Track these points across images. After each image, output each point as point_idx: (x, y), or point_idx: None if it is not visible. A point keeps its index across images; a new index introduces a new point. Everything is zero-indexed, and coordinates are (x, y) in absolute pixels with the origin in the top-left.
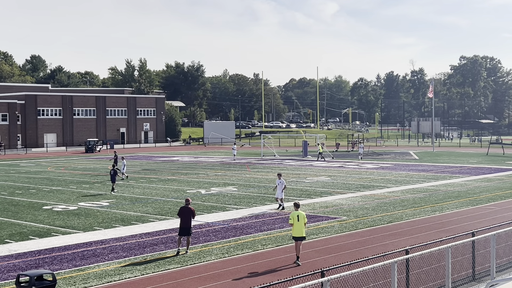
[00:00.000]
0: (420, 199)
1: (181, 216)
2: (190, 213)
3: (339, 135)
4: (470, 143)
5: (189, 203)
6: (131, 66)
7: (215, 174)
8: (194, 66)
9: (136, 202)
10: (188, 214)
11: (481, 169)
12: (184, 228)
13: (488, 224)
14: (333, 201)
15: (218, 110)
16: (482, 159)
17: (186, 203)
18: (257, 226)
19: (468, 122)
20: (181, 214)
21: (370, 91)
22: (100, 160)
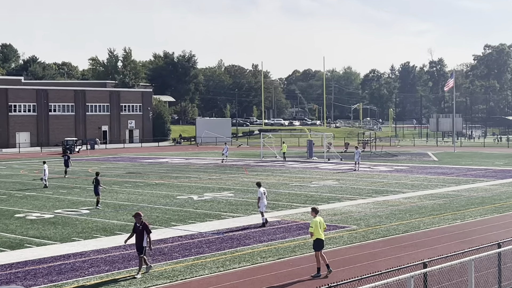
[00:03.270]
0: (440, 206)
1: (134, 232)
2: (142, 229)
3: (349, 134)
4: (495, 142)
5: (140, 217)
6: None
7: (209, 177)
8: (185, 57)
9: (120, 209)
10: (140, 231)
11: (508, 172)
12: (136, 246)
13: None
14: (341, 208)
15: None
16: (510, 160)
17: (135, 217)
18: (256, 236)
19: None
20: (133, 231)
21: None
22: (80, 162)
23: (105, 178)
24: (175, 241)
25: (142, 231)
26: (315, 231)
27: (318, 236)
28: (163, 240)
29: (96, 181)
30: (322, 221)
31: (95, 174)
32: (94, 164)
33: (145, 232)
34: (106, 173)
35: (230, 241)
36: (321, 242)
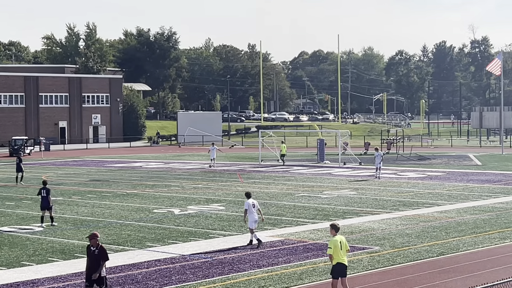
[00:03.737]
0: (484, 222)
1: (87, 259)
2: (99, 255)
3: (369, 132)
4: None
5: (97, 238)
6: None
7: (194, 186)
8: (163, 35)
9: (82, 226)
10: (95, 257)
11: None
12: (87, 276)
13: None
14: (360, 224)
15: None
16: None
17: (91, 238)
18: (253, 260)
19: None
20: (87, 255)
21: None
22: (32, 167)
23: (63, 187)
24: (152, 266)
25: (98, 257)
26: (334, 254)
27: (338, 260)
28: (136, 264)
29: (46, 192)
30: (345, 241)
31: (42, 183)
32: (49, 169)
33: (101, 259)
34: (64, 181)
35: (221, 266)
36: (342, 268)
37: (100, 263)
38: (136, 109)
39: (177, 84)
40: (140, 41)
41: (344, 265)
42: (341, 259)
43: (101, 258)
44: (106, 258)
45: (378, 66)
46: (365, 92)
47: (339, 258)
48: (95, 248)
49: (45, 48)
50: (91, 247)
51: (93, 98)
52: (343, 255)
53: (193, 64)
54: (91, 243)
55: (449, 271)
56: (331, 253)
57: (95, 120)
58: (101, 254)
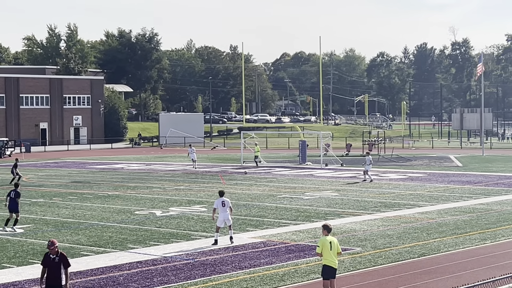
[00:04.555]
0: (465, 223)
1: (46, 268)
2: (60, 262)
3: (351, 133)
4: None
5: (56, 246)
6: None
7: (176, 188)
8: (145, 36)
9: (63, 228)
10: (56, 265)
11: None
12: (50, 286)
13: None
14: (342, 225)
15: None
16: None
17: (50, 247)
18: (235, 261)
19: None
20: (45, 265)
21: (394, 70)
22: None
23: (44, 189)
24: (133, 268)
25: (59, 264)
26: (324, 253)
27: (327, 262)
28: (117, 266)
29: (15, 194)
30: (336, 243)
31: (14, 186)
32: (30, 171)
33: (62, 267)
34: (45, 183)
35: (202, 268)
36: (331, 271)
37: (61, 271)
38: (117, 111)
39: (158, 85)
40: (122, 42)
41: (333, 268)
42: (330, 261)
43: (63, 266)
44: (68, 265)
45: (359, 68)
46: (347, 94)
47: (328, 260)
48: (55, 256)
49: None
50: (50, 255)
51: (74, 99)
52: (333, 256)
53: (175, 65)
54: (50, 252)
55: (430, 272)
56: (319, 252)
57: (76, 121)
58: (62, 261)
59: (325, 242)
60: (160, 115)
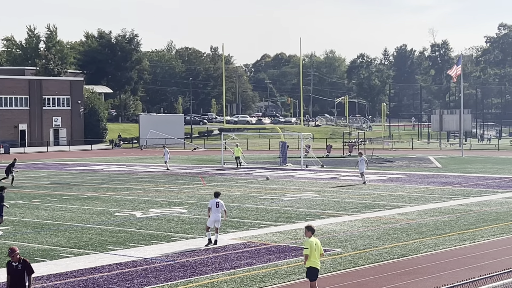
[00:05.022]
0: (444, 224)
1: (8, 276)
2: (23, 270)
3: (331, 134)
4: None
5: (17, 253)
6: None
7: (156, 189)
8: (125, 37)
9: (43, 229)
10: (19, 272)
11: None
12: None
13: None
14: (322, 226)
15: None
16: None
17: (10, 254)
18: (215, 262)
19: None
20: (8, 273)
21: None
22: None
23: (23, 190)
24: (113, 270)
25: (22, 272)
26: (311, 255)
27: (311, 264)
28: (97, 268)
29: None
30: (319, 244)
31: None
32: None
33: (25, 274)
34: (24, 184)
35: (183, 269)
36: (315, 272)
37: (25, 278)
38: (97, 112)
39: (139, 86)
40: (102, 43)
41: (317, 269)
42: (314, 262)
43: (26, 273)
44: (31, 272)
45: (339, 69)
46: (327, 95)
47: (312, 261)
48: (17, 263)
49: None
50: (12, 263)
51: (53, 100)
52: (317, 258)
53: (155, 66)
54: (12, 259)
55: (410, 272)
56: (308, 254)
57: (55, 122)
58: (26, 268)
59: (312, 244)
60: (140, 116)
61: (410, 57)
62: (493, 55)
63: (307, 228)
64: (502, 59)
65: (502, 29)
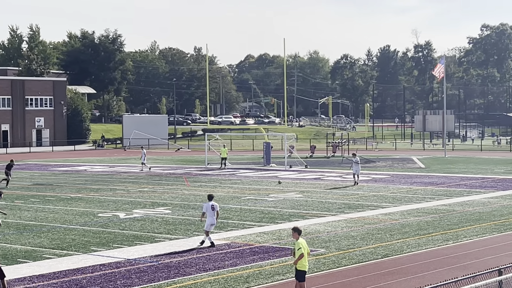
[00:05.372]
0: (428, 224)
1: None
2: None
3: (315, 135)
4: (495, 145)
5: None
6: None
7: (140, 190)
8: (108, 37)
9: (25, 230)
10: None
11: (510, 181)
12: None
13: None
14: (306, 227)
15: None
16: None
17: None
18: (199, 263)
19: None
20: None
21: (358, 73)
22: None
23: (6, 191)
24: (96, 271)
25: None
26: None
27: (300, 267)
28: (80, 269)
29: None
30: (306, 245)
31: None
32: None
33: None
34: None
35: (167, 270)
36: (303, 274)
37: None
38: (80, 112)
39: (122, 87)
40: (85, 44)
41: (305, 271)
42: (304, 266)
43: None
44: (2, 276)
45: (323, 70)
46: (311, 96)
47: (304, 265)
48: None
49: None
50: None
51: (36, 101)
52: (306, 258)
53: (139, 67)
54: None
55: (393, 272)
56: (303, 252)
57: (38, 123)
58: None
59: (304, 244)
60: (124, 116)
61: (394, 58)
62: (476, 56)
63: (293, 230)
64: (484, 60)
65: (485, 30)
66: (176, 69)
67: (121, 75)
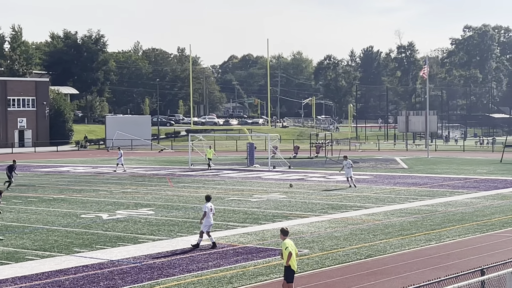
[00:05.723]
0: (410, 224)
1: None
2: None
3: (299, 135)
4: (477, 145)
5: None
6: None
7: (123, 191)
8: (91, 37)
9: (8, 232)
10: None
11: (493, 182)
12: None
13: (502, 257)
14: (290, 227)
15: (127, 99)
16: (495, 168)
17: None
18: (183, 264)
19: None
20: None
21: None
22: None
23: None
24: (79, 272)
25: None
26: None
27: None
28: (62, 271)
29: None
30: (294, 246)
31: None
32: None
33: None
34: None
35: (150, 271)
36: (292, 273)
37: None
38: (63, 113)
39: (105, 87)
40: (67, 44)
41: (294, 271)
42: (292, 264)
43: None
44: None
45: (307, 71)
46: (294, 96)
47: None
48: None
49: None
50: None
51: (18, 101)
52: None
53: (122, 67)
54: None
55: (376, 273)
56: (291, 251)
57: (20, 124)
58: None
59: (291, 244)
60: (107, 117)
61: (377, 58)
62: (458, 57)
63: (281, 231)
64: (467, 61)
65: (467, 31)
66: (160, 70)
67: (104, 76)
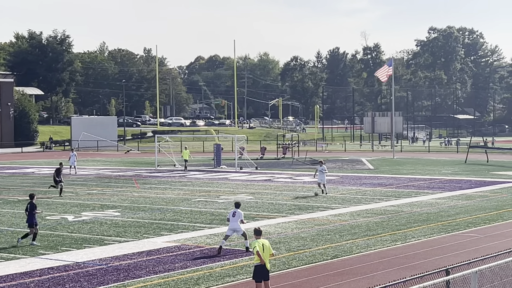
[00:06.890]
0: (376, 225)
1: None
2: None
3: (266, 136)
4: (442, 146)
5: None
6: None
7: (88, 192)
8: (56, 38)
9: None
10: None
11: (457, 183)
12: None
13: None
14: None
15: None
16: (459, 168)
17: None
18: (149, 266)
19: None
20: None
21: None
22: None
23: None
24: (44, 274)
25: None
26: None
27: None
28: (28, 273)
29: (31, 207)
30: (268, 245)
31: (29, 197)
32: None
33: None
34: None
35: (116, 273)
36: (265, 271)
37: None
38: (28, 114)
39: (70, 88)
40: (32, 44)
41: (267, 269)
42: (266, 262)
43: None
44: None
45: (273, 72)
46: (261, 97)
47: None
48: None
49: None
50: None
51: None
52: (266, 258)
53: (88, 68)
54: None
55: (342, 273)
56: (259, 250)
57: None
58: None
59: (259, 243)
60: (72, 118)
61: (343, 60)
62: (424, 58)
63: (255, 232)
64: (432, 62)
65: (432, 33)
66: (126, 70)
67: (70, 76)
